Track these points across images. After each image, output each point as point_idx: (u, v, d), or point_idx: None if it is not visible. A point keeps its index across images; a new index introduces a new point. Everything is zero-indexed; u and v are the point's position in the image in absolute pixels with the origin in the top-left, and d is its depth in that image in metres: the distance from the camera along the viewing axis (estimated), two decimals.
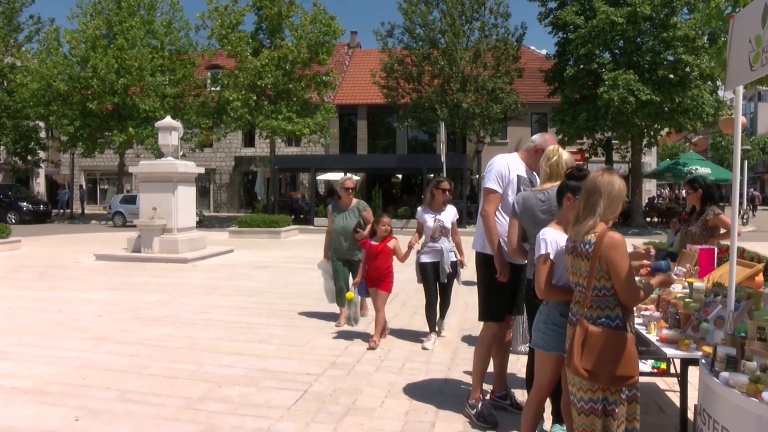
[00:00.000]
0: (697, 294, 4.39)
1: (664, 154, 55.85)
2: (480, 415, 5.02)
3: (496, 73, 31.39)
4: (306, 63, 30.94)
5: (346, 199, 8.42)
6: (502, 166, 4.96)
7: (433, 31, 31.74)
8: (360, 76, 41.56)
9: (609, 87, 25.69)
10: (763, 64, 3.18)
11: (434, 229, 7.23)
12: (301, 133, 30.89)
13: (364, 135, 41.46)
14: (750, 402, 2.92)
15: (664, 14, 26.89)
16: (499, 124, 34.10)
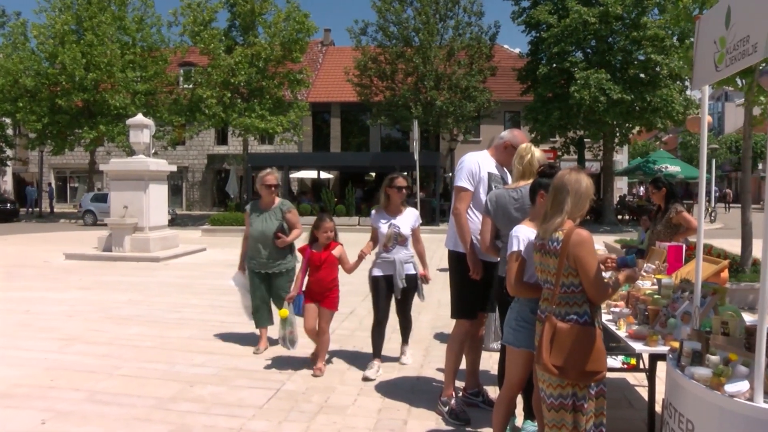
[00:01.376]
0: (665, 290, 4.45)
1: (635, 152, 56.54)
2: (452, 412, 5.05)
3: (470, 71, 31.53)
4: (279, 61, 30.83)
5: (267, 198, 7.11)
6: (472, 164, 4.99)
7: (407, 29, 31.78)
8: (333, 74, 41.48)
9: (581, 86, 25.95)
10: (727, 65, 3.23)
11: (387, 237, 6.06)
12: (275, 131, 30.78)
13: (338, 133, 41.39)
14: (712, 395, 2.98)
15: (635, 14, 27.22)
16: (472, 122, 34.24)
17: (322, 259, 6.21)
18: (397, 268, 6.07)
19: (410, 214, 6.25)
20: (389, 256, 6.10)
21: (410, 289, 6.25)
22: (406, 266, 6.16)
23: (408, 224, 6.17)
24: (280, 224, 6.98)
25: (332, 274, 6.28)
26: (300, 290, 6.21)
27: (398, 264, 6.07)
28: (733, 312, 3.76)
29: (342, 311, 9.11)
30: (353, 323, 8.58)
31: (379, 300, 6.21)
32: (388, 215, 6.16)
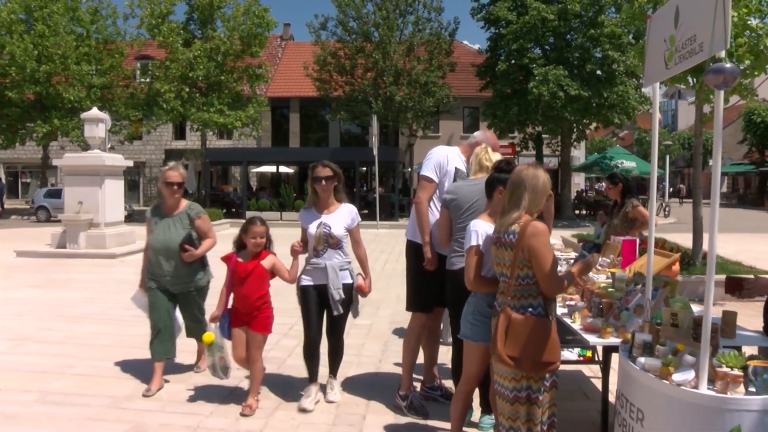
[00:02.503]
0: (619, 283, 4.55)
1: (592, 148, 57.41)
2: (411, 406, 5.08)
3: (429, 66, 31.63)
4: (238, 55, 30.50)
5: (170, 201, 5.70)
6: (441, 157, 5.03)
7: (366, 24, 31.73)
8: (293, 69, 41.23)
9: (539, 82, 26.25)
10: (676, 63, 3.31)
11: (317, 238, 5.09)
12: (233, 125, 30.49)
13: (297, 128, 41.19)
14: (661, 384, 3.06)
15: (593, 12, 27.63)
16: (431, 118, 34.36)
17: (249, 270, 5.07)
18: (330, 276, 5.06)
19: (344, 211, 5.24)
20: (320, 262, 5.09)
21: (346, 301, 5.18)
22: (341, 274, 5.15)
23: (341, 223, 5.17)
24: (187, 234, 5.65)
25: (261, 290, 5.11)
26: (225, 308, 5.15)
27: (330, 271, 5.07)
28: (682, 304, 3.85)
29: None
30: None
31: (310, 315, 5.18)
32: (318, 213, 5.21)
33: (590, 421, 4.87)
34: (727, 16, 2.74)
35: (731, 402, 2.87)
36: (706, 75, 2.82)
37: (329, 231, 5.11)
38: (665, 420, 3.06)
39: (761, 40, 10.07)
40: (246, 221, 5.23)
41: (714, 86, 2.82)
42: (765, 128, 46.09)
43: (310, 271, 5.18)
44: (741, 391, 2.92)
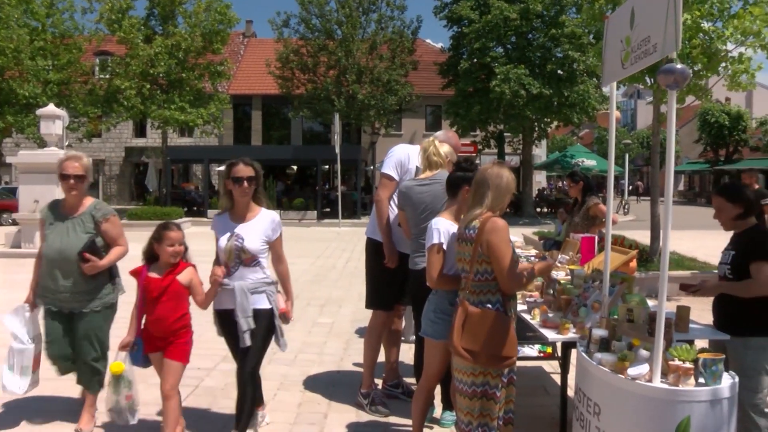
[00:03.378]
0: (578, 280, 4.62)
1: (553, 146, 58.05)
2: (372, 404, 5.10)
3: (392, 65, 31.67)
4: (200, 52, 30.15)
5: (70, 199, 4.71)
6: (402, 155, 5.04)
7: (329, 21, 31.64)
8: (255, 66, 40.88)
9: (501, 81, 26.48)
10: (632, 63, 3.38)
11: (227, 253, 4.23)
12: (195, 123, 30.13)
13: (259, 126, 40.88)
14: (617, 378, 3.13)
15: (554, 12, 28.02)
16: (393, 116, 34.42)
17: (163, 287, 4.21)
18: (238, 299, 4.15)
19: (264, 219, 4.31)
20: (228, 282, 4.22)
21: (262, 331, 4.23)
22: (253, 298, 4.20)
23: (258, 235, 4.23)
24: (90, 240, 4.56)
25: (178, 310, 4.27)
26: (138, 332, 4.30)
27: (239, 294, 4.15)
28: (639, 300, 3.93)
29: None
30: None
31: (229, 343, 4.44)
32: (232, 221, 4.30)
33: (550, 416, 4.94)
34: (678, 19, 2.80)
35: (682, 394, 2.96)
36: (658, 75, 2.89)
37: (242, 244, 4.17)
38: (620, 413, 3.13)
39: (713, 43, 10.32)
40: (159, 226, 4.30)
41: (666, 86, 2.90)
42: (719, 128, 47.22)
43: (221, 294, 4.27)
44: (692, 383, 3.00)
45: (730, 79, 10.96)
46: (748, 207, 3.93)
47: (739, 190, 4.06)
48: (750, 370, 3.71)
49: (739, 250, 3.93)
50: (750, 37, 10.17)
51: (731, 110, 47.38)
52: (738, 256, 3.91)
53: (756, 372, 3.74)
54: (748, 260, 3.82)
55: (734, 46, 10.73)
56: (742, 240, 3.97)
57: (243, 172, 4.20)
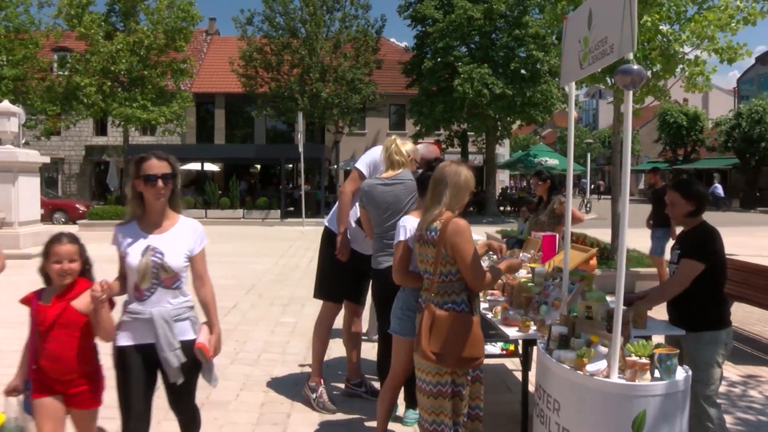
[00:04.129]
0: (538, 278, 4.68)
1: (516, 145, 58.61)
2: (319, 401, 5.14)
3: (356, 63, 31.65)
4: (162, 49, 29.73)
5: None
6: (377, 156, 5.04)
7: (293, 20, 31.48)
8: (218, 64, 40.47)
9: (465, 80, 26.65)
10: (590, 63, 3.43)
11: (141, 272, 3.29)
12: (157, 121, 29.73)
13: (222, 124, 40.50)
14: (576, 375, 3.18)
15: (518, 12, 28.29)
16: (357, 115, 34.40)
17: (53, 316, 3.28)
18: (160, 331, 3.27)
19: (184, 228, 3.47)
20: (143, 310, 3.31)
21: (192, 366, 3.43)
22: (178, 327, 3.37)
23: (179, 247, 3.39)
24: None
25: (79, 345, 3.33)
26: (29, 374, 3.35)
27: (160, 324, 3.28)
28: (598, 297, 3.99)
29: (224, 305, 9.02)
30: (236, 317, 8.44)
31: (130, 391, 3.37)
32: (143, 231, 3.39)
33: (512, 412, 4.98)
34: (633, 20, 2.85)
35: (638, 389, 3.02)
36: (615, 76, 2.94)
37: (161, 260, 3.30)
38: (579, 409, 3.18)
39: (671, 45, 10.53)
40: (49, 239, 3.38)
41: (623, 86, 2.94)
42: (677, 128, 48.19)
43: (130, 324, 3.37)
44: (647, 378, 3.06)
45: (686, 81, 11.21)
46: (700, 204, 4.02)
47: (694, 187, 4.14)
48: (703, 364, 3.82)
49: (683, 249, 4.02)
50: (705, 41, 10.43)
51: (689, 111, 48.40)
52: (682, 255, 4.00)
53: (708, 365, 3.86)
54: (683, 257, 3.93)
55: (690, 49, 10.99)
56: (687, 239, 4.08)
57: (157, 168, 3.34)
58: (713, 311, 3.93)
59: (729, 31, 10.45)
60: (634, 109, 12.10)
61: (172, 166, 3.45)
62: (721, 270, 3.97)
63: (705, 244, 3.92)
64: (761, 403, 5.47)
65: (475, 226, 3.67)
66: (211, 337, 3.50)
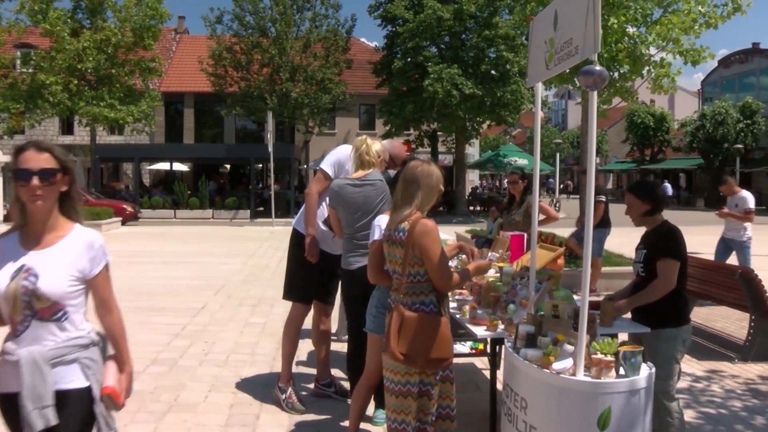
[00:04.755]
0: (506, 277, 4.71)
1: (486, 146, 58.94)
2: (288, 402, 5.14)
3: (326, 63, 31.59)
4: (130, 47, 29.31)
5: None
6: (342, 156, 5.02)
7: (263, 19, 31.32)
8: (187, 64, 40.10)
9: (434, 80, 26.74)
10: (556, 64, 3.46)
11: (9, 300, 2.48)
12: (125, 121, 29.31)
13: (191, 124, 40.16)
14: (542, 373, 3.21)
15: (488, 13, 28.45)
16: (327, 115, 34.36)
17: None
18: (25, 378, 2.45)
19: (75, 243, 2.65)
20: (14, 349, 2.51)
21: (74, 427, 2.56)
22: (58, 372, 2.54)
23: (64, 269, 2.58)
24: None
25: None
26: None
27: (26, 368, 2.46)
28: (565, 296, 4.04)
29: (194, 306, 8.96)
30: (205, 318, 8.38)
31: None
32: (22, 247, 2.59)
33: (481, 411, 5.01)
34: (597, 22, 2.89)
35: (604, 386, 3.06)
36: (578, 77, 2.98)
37: (33, 285, 2.50)
38: (546, 407, 3.21)
39: (637, 47, 10.71)
40: None
41: (586, 87, 2.98)
42: (644, 129, 48.94)
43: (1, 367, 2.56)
44: (612, 375, 3.10)
45: (653, 83, 11.40)
46: (655, 204, 4.11)
47: (648, 187, 4.26)
48: (662, 360, 3.90)
49: (649, 248, 4.13)
50: (670, 44, 10.63)
51: (656, 112, 49.18)
52: (648, 254, 4.10)
53: (667, 362, 3.95)
54: (656, 257, 4.02)
55: (656, 51, 11.19)
56: (651, 238, 4.15)
57: (33, 162, 2.51)
58: (673, 309, 4.01)
59: (692, 35, 10.67)
60: (602, 110, 12.27)
61: (58, 159, 2.57)
62: (684, 268, 4.06)
63: (675, 242, 4.03)
64: (722, 397, 5.58)
65: (444, 226, 3.68)
66: (122, 377, 2.74)
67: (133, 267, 12.75)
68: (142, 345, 6.95)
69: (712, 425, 4.94)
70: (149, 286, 10.68)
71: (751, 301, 6.67)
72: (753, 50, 44.25)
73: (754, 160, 40.09)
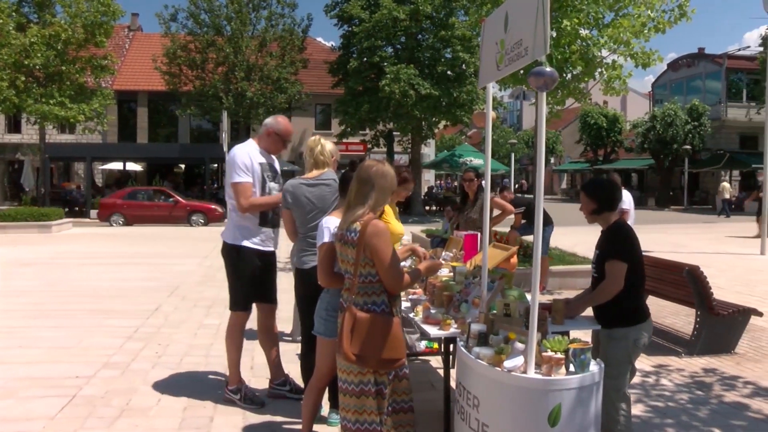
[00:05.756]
0: (460, 277, 4.75)
1: (441, 146, 59.27)
2: (246, 398, 5.14)
3: (282, 63, 31.43)
4: (81, 44, 28.63)
5: None
6: (244, 157, 5.02)
7: (218, 17, 31.02)
8: (141, 62, 39.46)
9: (391, 80, 26.79)
10: (506, 65, 3.50)
11: None
12: (76, 119, 28.64)
13: (145, 123, 39.54)
14: (494, 371, 3.25)
15: (444, 14, 28.59)
16: (283, 114, 34.17)
17: None
18: None
19: None
20: None
21: None
22: None
23: None
24: None
25: None
26: None
27: None
28: (517, 294, 4.08)
29: (147, 308, 8.82)
30: (159, 320, 8.25)
31: None
32: None
33: (436, 410, 5.02)
34: (546, 24, 2.93)
35: (554, 383, 3.11)
36: (528, 78, 3.02)
37: None
38: (498, 404, 3.24)
39: (590, 49, 10.92)
40: None
41: (536, 88, 3.02)
42: (598, 130, 49.92)
43: None
44: (563, 372, 3.15)
45: (605, 84, 11.64)
46: (601, 203, 4.13)
47: (596, 186, 4.32)
48: (613, 359, 3.94)
49: (600, 249, 4.19)
50: (621, 46, 10.88)
51: (609, 113, 50.14)
52: (599, 255, 4.17)
53: (618, 361, 3.98)
54: (605, 258, 4.07)
55: (608, 54, 11.42)
56: (602, 238, 4.21)
57: None
58: (626, 308, 4.03)
59: (642, 38, 10.94)
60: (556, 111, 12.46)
61: None
62: (636, 268, 4.07)
63: (622, 243, 4.05)
64: (670, 391, 5.73)
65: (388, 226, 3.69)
66: None
67: (85, 269, 12.49)
68: (94, 348, 6.82)
69: (660, 418, 5.07)
70: (101, 288, 10.48)
71: (697, 297, 6.85)
72: (699, 55, 45.48)
73: (701, 160, 41.14)
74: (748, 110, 40.77)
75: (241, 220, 5.06)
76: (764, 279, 12.02)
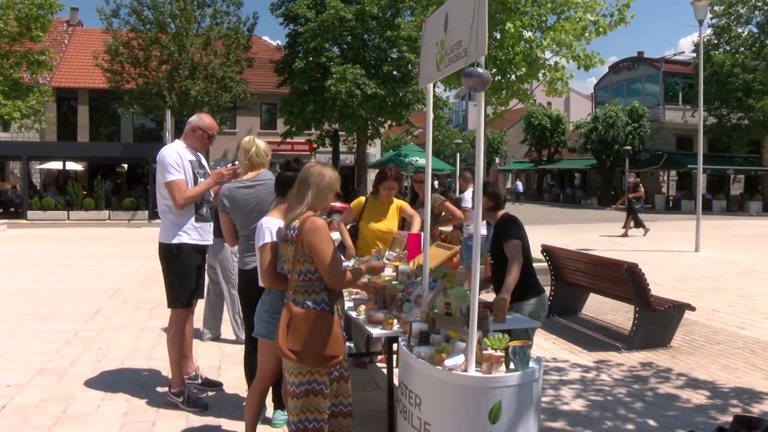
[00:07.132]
0: (402, 276, 4.78)
1: (387, 145, 59.49)
2: (189, 400, 5.09)
3: (227, 61, 31.03)
4: (15, 38, 27.72)
5: None
6: (174, 156, 5.01)
7: (162, 14, 30.40)
8: (81, 58, 38.47)
9: (337, 80, 26.73)
10: (446, 66, 3.53)
11: None
12: (11, 116, 27.75)
13: (86, 121, 38.55)
14: (435, 370, 3.27)
15: (390, 14, 28.68)
16: (228, 113, 33.77)
17: None
18: None
19: None
20: None
21: None
22: None
23: None
24: None
25: None
26: None
27: None
28: (459, 294, 4.12)
29: (87, 311, 8.61)
30: (99, 323, 8.07)
31: None
32: None
33: (381, 409, 5.03)
34: (483, 25, 2.96)
35: (494, 380, 3.14)
36: (462, 78, 3.05)
37: None
38: (439, 403, 3.26)
39: (533, 51, 11.12)
40: None
41: (470, 88, 3.06)
42: (542, 130, 50.86)
43: None
44: (503, 369, 3.19)
45: (548, 85, 11.87)
46: (495, 200, 5.09)
47: (488, 187, 5.11)
48: None
49: (494, 238, 5.11)
50: (563, 48, 11.11)
51: (552, 114, 51.09)
52: (494, 243, 5.09)
53: None
54: (501, 243, 4.92)
55: (551, 56, 11.65)
56: (496, 231, 5.11)
57: None
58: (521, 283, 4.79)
59: (584, 41, 11.20)
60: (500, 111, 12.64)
61: None
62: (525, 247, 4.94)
63: (511, 227, 4.97)
64: (609, 385, 5.88)
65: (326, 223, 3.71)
66: None
67: (21, 271, 12.13)
68: (29, 355, 6.61)
69: (599, 411, 5.19)
70: (38, 291, 10.18)
71: (636, 293, 7.05)
72: (638, 58, 46.78)
73: (641, 161, 42.26)
74: (684, 113, 42.08)
75: (178, 218, 5.02)
76: (698, 275, 12.42)
